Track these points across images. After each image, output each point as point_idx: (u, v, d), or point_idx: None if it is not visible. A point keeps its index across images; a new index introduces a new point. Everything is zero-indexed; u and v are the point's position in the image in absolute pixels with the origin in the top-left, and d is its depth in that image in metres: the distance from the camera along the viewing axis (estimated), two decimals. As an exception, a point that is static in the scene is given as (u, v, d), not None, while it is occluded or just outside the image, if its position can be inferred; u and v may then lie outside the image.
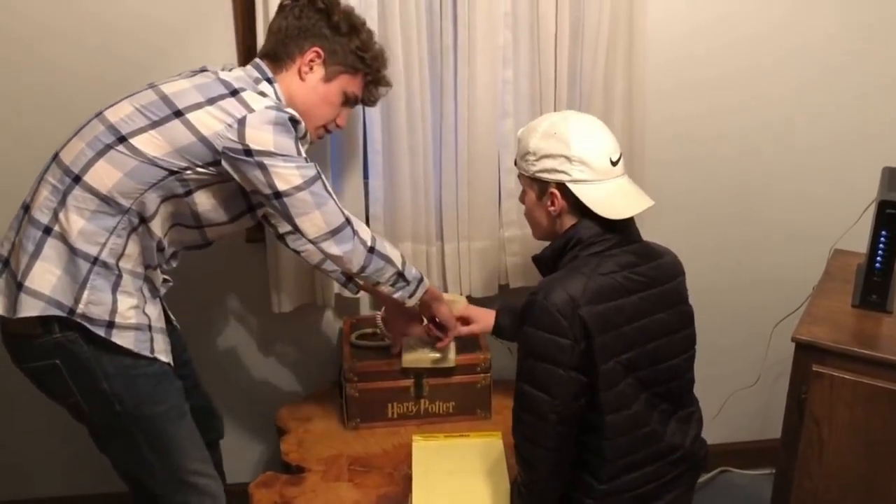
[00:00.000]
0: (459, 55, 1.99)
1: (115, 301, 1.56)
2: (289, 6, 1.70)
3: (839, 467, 1.81)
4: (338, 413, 2.07)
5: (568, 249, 1.57)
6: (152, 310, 1.64)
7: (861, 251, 1.98)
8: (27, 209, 1.57)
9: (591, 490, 1.55)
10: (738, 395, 2.47)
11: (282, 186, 1.54)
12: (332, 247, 1.61)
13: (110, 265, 1.55)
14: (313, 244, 1.61)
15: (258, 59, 1.70)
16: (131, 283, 1.59)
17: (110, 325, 1.55)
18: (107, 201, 1.52)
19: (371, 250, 1.66)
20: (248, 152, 1.52)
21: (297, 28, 1.67)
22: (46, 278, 1.52)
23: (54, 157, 1.59)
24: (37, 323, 1.52)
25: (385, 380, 1.99)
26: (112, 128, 1.54)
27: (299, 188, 1.55)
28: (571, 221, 1.58)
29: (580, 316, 1.46)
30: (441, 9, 1.96)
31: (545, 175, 1.57)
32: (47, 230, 1.53)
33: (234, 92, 1.56)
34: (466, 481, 1.79)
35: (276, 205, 1.57)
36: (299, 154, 1.56)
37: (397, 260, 1.71)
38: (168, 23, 1.96)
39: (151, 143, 1.52)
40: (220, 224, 1.68)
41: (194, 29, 1.97)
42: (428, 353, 1.98)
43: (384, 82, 1.81)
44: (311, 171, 1.57)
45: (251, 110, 1.54)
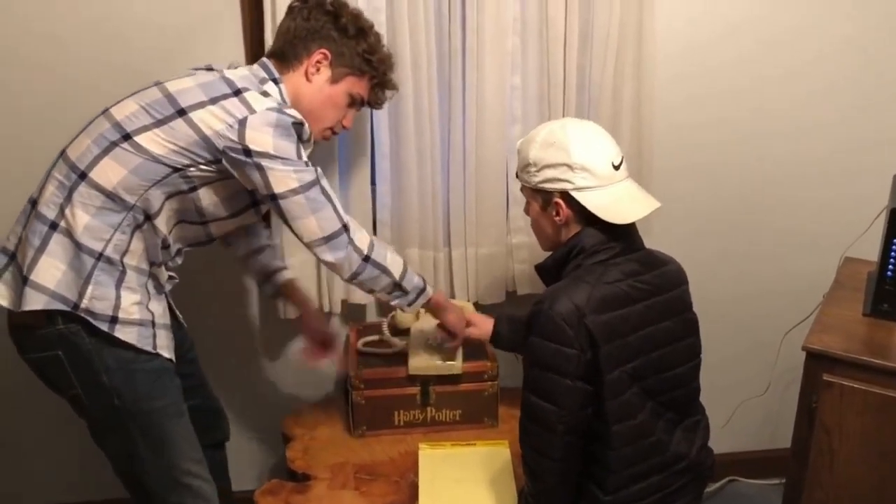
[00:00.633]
0: (468, 60, 1.98)
1: (119, 297, 1.58)
2: (297, 7, 1.70)
3: (850, 478, 1.79)
4: (344, 420, 2.07)
5: (571, 258, 1.56)
6: (156, 306, 1.65)
7: (872, 259, 1.96)
8: (34, 204, 1.59)
9: (597, 501, 1.54)
10: (748, 404, 2.45)
11: (278, 189, 1.55)
12: (325, 253, 1.61)
13: (114, 261, 1.57)
14: (307, 247, 1.62)
15: (265, 59, 1.71)
16: (135, 279, 1.61)
17: (113, 321, 1.57)
18: (112, 198, 1.55)
19: (366, 259, 1.65)
20: (248, 153, 1.53)
21: (305, 29, 1.67)
22: (51, 273, 1.54)
23: (61, 154, 1.61)
24: (41, 315, 1.55)
25: (391, 387, 1.98)
26: (117, 125, 1.56)
27: (295, 191, 1.55)
28: (578, 228, 1.57)
29: (586, 325, 1.45)
30: (450, 13, 1.96)
31: (548, 185, 1.56)
32: (53, 225, 1.55)
33: (238, 92, 1.57)
34: (473, 490, 1.77)
35: (273, 206, 1.59)
36: (299, 158, 1.56)
37: (396, 269, 1.70)
38: (177, 25, 1.96)
39: (155, 141, 1.54)
40: (224, 219, 1.69)
41: (203, 31, 1.97)
42: (435, 360, 1.97)
43: (390, 85, 1.81)
44: (310, 176, 1.57)
45: (252, 111, 1.54)
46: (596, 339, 1.46)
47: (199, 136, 1.54)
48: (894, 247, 1.77)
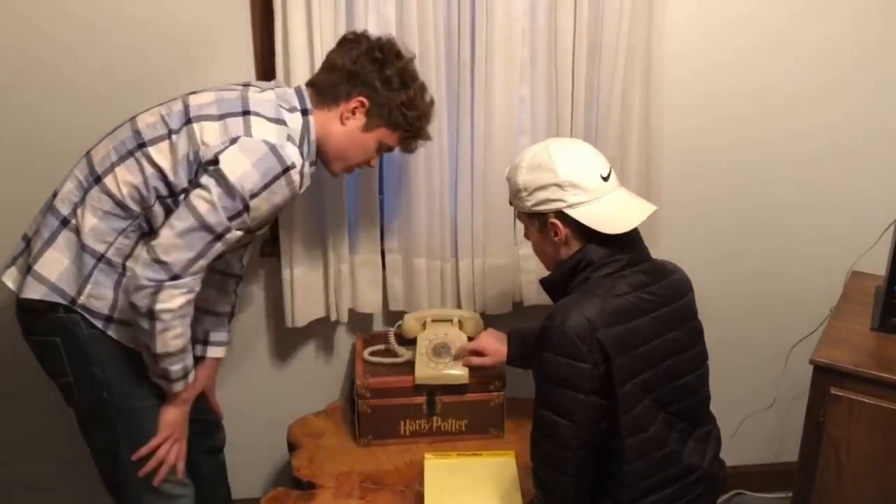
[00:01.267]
0: (476, 71, 1.99)
1: (116, 298, 1.62)
2: (348, 44, 1.69)
3: (857, 492, 1.79)
4: (350, 429, 2.06)
5: (579, 272, 1.56)
6: None
7: (879, 273, 1.96)
8: (54, 196, 1.65)
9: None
10: (754, 417, 2.44)
11: (193, 196, 1.53)
12: (144, 263, 1.53)
13: (115, 263, 1.61)
14: (146, 247, 1.55)
15: (303, 86, 1.70)
16: None
17: (108, 320, 1.63)
18: (120, 205, 1.59)
19: (150, 313, 1.54)
20: (215, 162, 1.53)
21: (349, 72, 1.66)
22: (55, 266, 1.60)
23: (86, 154, 1.66)
24: (43, 302, 1.60)
25: (397, 397, 1.98)
26: (137, 133, 1.60)
27: (196, 215, 1.53)
28: (579, 244, 1.57)
29: (598, 339, 1.45)
30: (459, 24, 1.96)
31: (541, 207, 1.56)
32: (65, 221, 1.61)
33: (246, 112, 1.57)
34: (478, 500, 1.77)
35: (182, 199, 1.56)
36: (243, 203, 1.53)
37: (164, 347, 1.58)
38: (184, 26, 1.96)
39: (163, 154, 1.58)
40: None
41: (212, 36, 1.98)
42: (441, 370, 1.97)
43: (424, 137, 1.80)
44: (218, 224, 1.54)
45: (249, 134, 1.54)
46: (608, 353, 1.45)
47: (192, 147, 1.55)
48: (903, 261, 1.77)
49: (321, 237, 2.08)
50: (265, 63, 1.99)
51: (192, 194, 1.54)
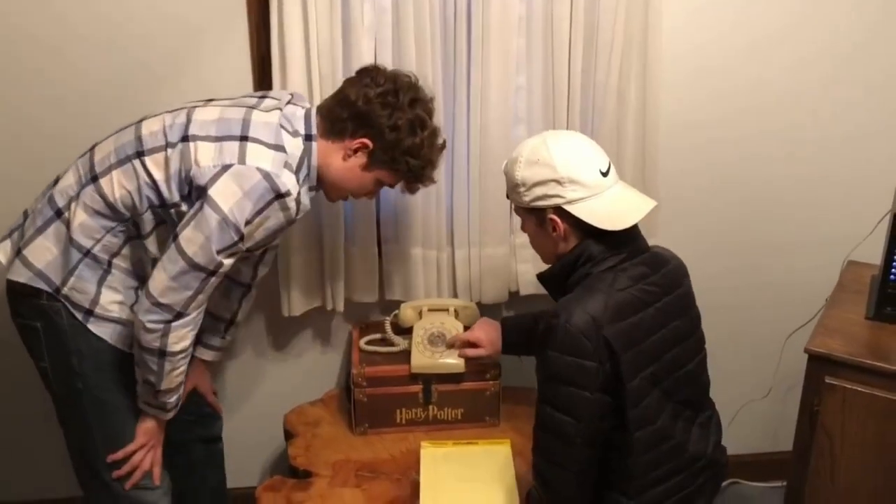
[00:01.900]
0: (473, 60, 1.98)
1: (99, 293, 1.64)
2: (366, 80, 1.65)
3: (851, 481, 1.79)
4: (346, 418, 2.07)
5: (579, 266, 1.54)
6: None
7: (875, 263, 1.96)
8: (56, 183, 1.67)
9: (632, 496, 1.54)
10: (749, 407, 2.44)
11: (182, 237, 1.52)
12: (144, 309, 1.55)
13: (101, 260, 1.63)
14: (144, 292, 1.56)
15: (313, 111, 1.67)
16: (121, 281, 1.66)
17: (88, 313, 1.64)
18: (111, 207, 1.60)
19: (162, 353, 1.57)
20: (203, 193, 1.52)
21: (359, 113, 1.63)
22: (43, 254, 1.62)
23: (91, 148, 1.66)
24: (28, 286, 1.62)
25: (394, 385, 1.99)
26: (139, 140, 1.60)
27: (184, 256, 1.52)
28: (577, 240, 1.55)
29: (604, 337, 1.44)
30: (455, 13, 1.95)
31: (540, 203, 1.54)
32: (59, 213, 1.63)
33: (244, 138, 1.56)
34: (474, 488, 1.78)
35: (169, 241, 1.55)
36: (238, 234, 1.52)
37: (166, 384, 1.62)
38: (180, 29, 1.96)
39: (158, 165, 1.58)
40: None
41: (207, 32, 1.97)
42: (437, 359, 1.97)
43: (426, 182, 1.76)
44: (209, 263, 1.53)
45: (242, 162, 1.53)
46: (615, 350, 1.45)
47: (185, 166, 1.54)
48: (898, 250, 1.78)
49: (317, 226, 2.08)
50: (260, 50, 1.98)
51: (183, 234, 1.53)
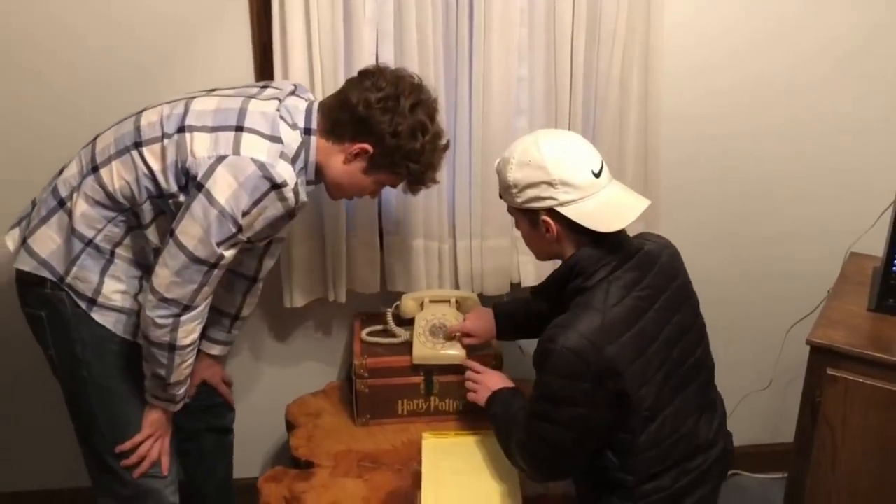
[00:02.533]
0: (475, 51, 1.97)
1: (101, 282, 1.65)
2: (367, 83, 1.61)
3: (852, 472, 1.79)
4: (348, 409, 2.07)
5: (572, 278, 1.54)
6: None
7: (877, 254, 1.96)
8: (59, 174, 1.68)
9: (629, 495, 1.55)
10: (751, 398, 2.45)
11: (180, 232, 1.52)
12: (151, 305, 1.56)
13: (103, 249, 1.64)
14: (149, 288, 1.56)
15: (315, 105, 1.65)
16: (124, 270, 1.67)
17: (91, 302, 1.65)
18: (110, 198, 1.61)
19: (171, 348, 1.59)
20: (199, 187, 1.51)
21: (360, 118, 1.60)
22: (47, 244, 1.63)
23: (94, 139, 1.67)
24: (34, 274, 1.63)
25: (395, 376, 1.99)
26: (137, 131, 1.60)
27: (184, 251, 1.52)
28: (571, 241, 1.55)
29: (605, 357, 1.44)
30: (457, 4, 1.95)
31: (532, 204, 1.54)
32: (61, 203, 1.63)
33: (239, 128, 1.55)
34: (476, 479, 1.78)
35: (167, 237, 1.55)
36: (236, 225, 1.52)
37: (175, 376, 1.64)
38: (181, 17, 1.95)
39: (155, 156, 1.58)
40: None
41: (208, 23, 1.97)
42: (439, 350, 1.97)
43: (428, 184, 1.75)
44: (210, 256, 1.53)
45: (237, 152, 1.52)
46: (618, 368, 1.44)
47: (181, 157, 1.54)
48: (900, 242, 1.77)
49: (319, 217, 2.08)
50: (262, 39, 1.98)
51: (180, 228, 1.52)
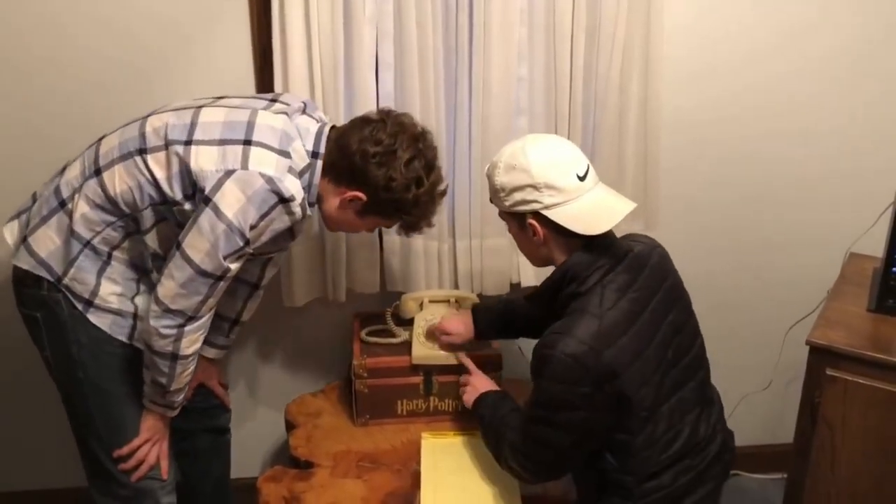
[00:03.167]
0: (475, 51, 1.97)
1: (98, 284, 1.64)
2: (367, 131, 1.59)
3: (852, 473, 1.80)
4: (347, 409, 2.07)
5: (566, 284, 1.55)
6: (144, 302, 1.68)
7: (877, 255, 1.96)
8: (62, 173, 1.67)
9: (629, 495, 1.55)
10: (750, 399, 2.45)
11: (187, 245, 1.52)
12: (155, 315, 1.56)
13: (100, 251, 1.63)
14: (153, 299, 1.57)
15: (326, 130, 1.65)
16: (121, 273, 1.66)
17: (88, 304, 1.65)
18: (111, 202, 1.60)
19: (174, 357, 1.59)
20: (206, 200, 1.51)
21: (355, 167, 1.59)
22: (46, 243, 1.63)
23: (98, 141, 1.67)
24: (31, 274, 1.63)
25: (395, 376, 1.99)
26: (142, 137, 1.59)
27: (191, 264, 1.52)
28: (560, 245, 1.56)
29: (603, 362, 1.44)
30: (457, 4, 1.94)
31: (519, 208, 1.55)
32: (62, 203, 1.63)
33: (247, 142, 1.54)
34: (475, 479, 1.78)
35: (173, 249, 1.55)
36: (243, 239, 1.52)
37: (175, 384, 1.65)
38: (180, 18, 1.95)
39: (159, 164, 1.57)
40: None
41: (207, 23, 1.97)
42: (438, 350, 1.97)
43: (420, 231, 1.73)
44: (217, 269, 1.53)
45: (245, 167, 1.52)
46: (617, 370, 1.45)
47: (184, 169, 1.54)
48: (900, 243, 1.77)
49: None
50: (262, 41, 1.97)
51: (187, 241, 1.52)
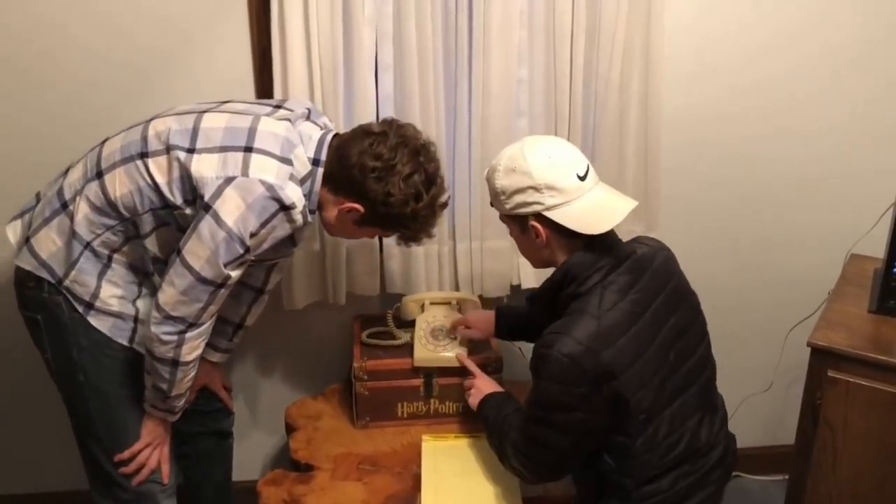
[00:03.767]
0: (474, 52, 1.97)
1: (99, 287, 1.64)
2: (365, 147, 1.58)
3: (853, 475, 1.79)
4: (347, 411, 2.07)
5: (566, 284, 1.54)
6: (146, 305, 1.68)
7: (878, 256, 1.95)
8: (66, 174, 1.68)
9: (627, 497, 1.55)
10: (751, 400, 2.44)
11: (187, 252, 1.52)
12: (156, 322, 1.56)
13: (101, 254, 1.63)
14: (154, 305, 1.57)
15: (329, 137, 1.64)
16: (122, 276, 1.66)
17: (89, 306, 1.65)
18: (111, 205, 1.60)
19: (174, 363, 1.59)
20: (206, 207, 1.51)
21: (353, 180, 1.59)
22: (48, 245, 1.63)
23: (101, 143, 1.66)
24: (33, 275, 1.64)
25: (395, 379, 1.98)
26: (144, 141, 1.59)
27: (191, 271, 1.52)
28: (562, 246, 1.56)
29: (602, 362, 1.44)
30: (457, 5, 1.94)
31: (520, 210, 1.54)
32: (64, 205, 1.63)
33: (248, 149, 1.54)
34: (475, 481, 1.78)
35: (174, 256, 1.55)
36: (244, 247, 1.51)
37: (176, 389, 1.65)
38: (180, 18, 1.95)
39: (160, 169, 1.57)
40: None
41: (207, 24, 1.97)
42: (439, 353, 1.97)
43: (419, 242, 1.73)
44: (217, 276, 1.53)
45: (245, 174, 1.51)
46: (615, 373, 1.45)
47: (185, 174, 1.54)
48: (901, 244, 1.77)
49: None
50: (261, 42, 1.97)
51: (187, 248, 1.52)
